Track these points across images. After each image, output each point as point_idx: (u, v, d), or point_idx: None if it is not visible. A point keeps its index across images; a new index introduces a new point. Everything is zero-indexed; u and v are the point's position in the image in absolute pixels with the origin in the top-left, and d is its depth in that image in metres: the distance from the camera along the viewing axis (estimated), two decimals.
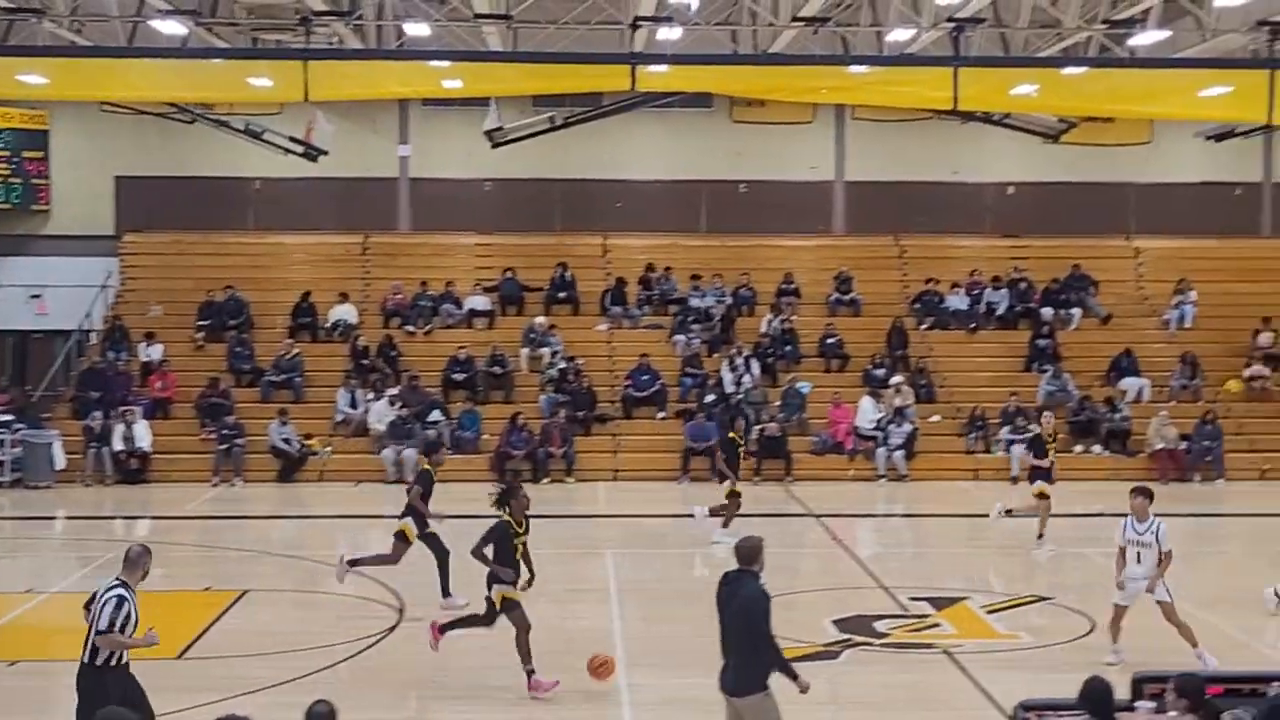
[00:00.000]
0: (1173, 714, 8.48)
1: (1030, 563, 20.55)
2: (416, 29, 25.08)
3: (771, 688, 9.84)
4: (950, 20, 23.05)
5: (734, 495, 20.97)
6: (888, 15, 24.28)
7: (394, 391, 28.64)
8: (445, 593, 16.60)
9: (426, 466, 17.24)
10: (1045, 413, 22.07)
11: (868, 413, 28.34)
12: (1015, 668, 14.20)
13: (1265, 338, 30.59)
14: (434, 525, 16.77)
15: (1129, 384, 29.54)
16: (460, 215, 33.73)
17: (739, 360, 29.51)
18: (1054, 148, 32.04)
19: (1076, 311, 31.65)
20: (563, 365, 29.66)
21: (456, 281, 32.06)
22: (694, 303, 31.48)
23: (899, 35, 24.84)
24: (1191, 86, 24.04)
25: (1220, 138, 32.18)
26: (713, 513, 21.13)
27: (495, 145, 31.08)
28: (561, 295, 32.00)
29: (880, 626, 15.87)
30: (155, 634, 10.21)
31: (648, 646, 15.28)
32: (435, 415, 28.29)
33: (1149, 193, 34.44)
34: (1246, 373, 30.03)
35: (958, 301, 31.94)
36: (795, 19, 23.61)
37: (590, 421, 28.81)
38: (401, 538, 16.69)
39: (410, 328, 31.08)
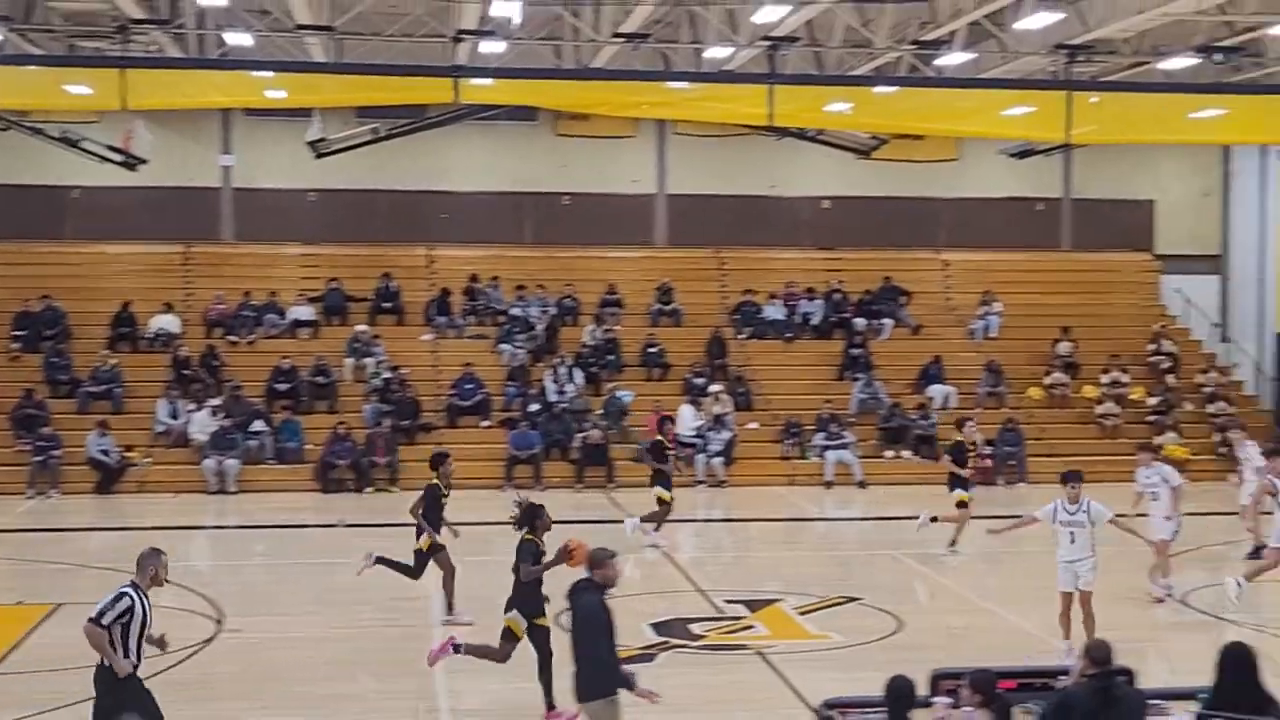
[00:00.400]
0: (967, 709, 8.69)
1: (842, 564, 20.91)
2: (238, 38, 24.68)
3: (620, 695, 10.04)
4: (766, 39, 23.40)
5: (664, 501, 21.09)
6: (706, 33, 24.56)
7: (216, 402, 28.11)
8: (450, 608, 16.26)
9: (435, 481, 16.47)
10: (968, 423, 22.25)
11: (688, 420, 28.57)
12: (824, 667, 14.43)
13: (1064, 346, 31.52)
14: (446, 539, 16.27)
15: (936, 391, 30.22)
16: (284, 225, 33.24)
17: (562, 370, 29.56)
18: (866, 164, 32.63)
19: (888, 322, 32.29)
20: (387, 375, 29.40)
21: (280, 291, 31.58)
22: (518, 313, 31.44)
23: (717, 53, 25.14)
24: (995, 106, 24.74)
25: (1022, 155, 33.09)
26: (644, 520, 21.16)
27: (319, 156, 30.73)
28: (386, 305, 31.72)
29: (696, 629, 16.01)
30: (129, 664, 9.84)
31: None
32: (258, 425, 27.84)
33: (957, 208, 35.26)
34: (1047, 380, 30.90)
35: (775, 312, 32.37)
36: (616, 35, 23.76)
37: (414, 430, 28.59)
38: (429, 550, 16.15)
39: (233, 338, 30.53)
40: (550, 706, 12.33)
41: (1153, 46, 25.11)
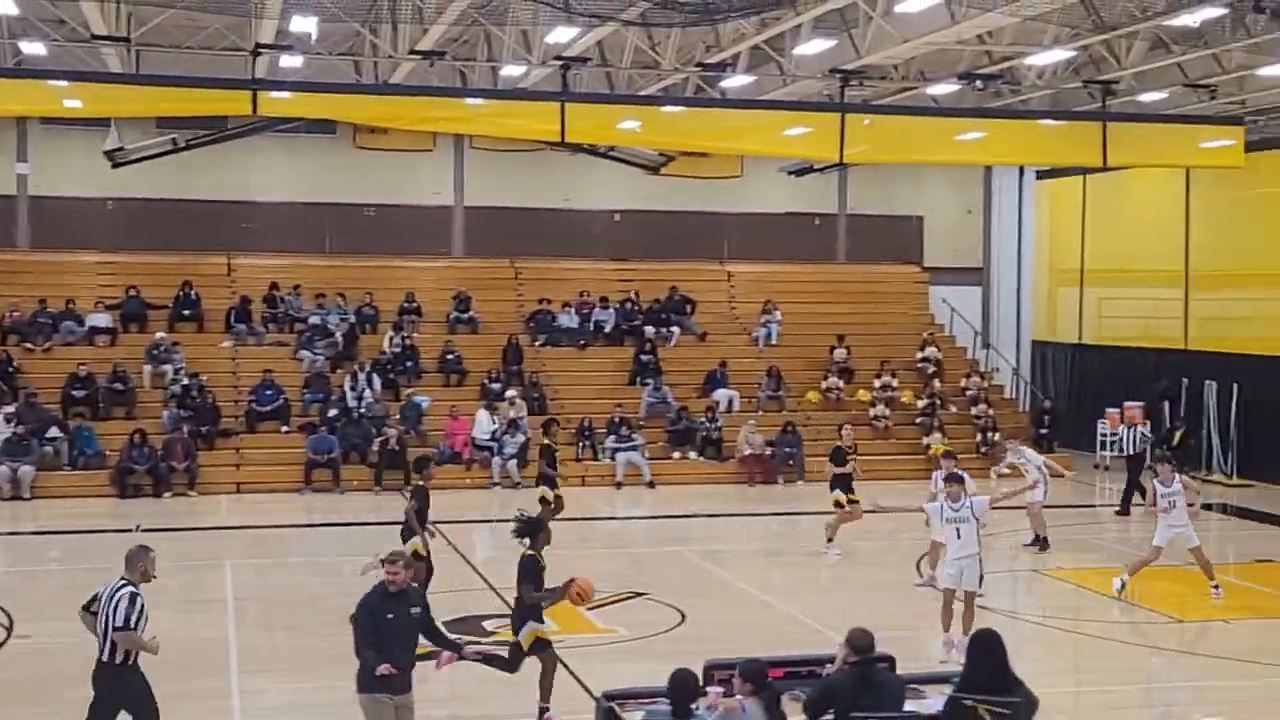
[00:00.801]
0: (738, 697, 8.82)
1: (632, 561, 21.04)
2: (33, 47, 23.83)
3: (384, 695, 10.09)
4: (559, 59, 23.42)
5: (545, 501, 20.78)
6: (502, 52, 24.47)
7: (10, 409, 27.06)
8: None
9: (421, 483, 16.49)
10: (844, 427, 22.48)
11: (484, 424, 28.46)
12: (610, 659, 14.51)
13: (840, 353, 32.21)
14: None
15: (721, 395, 30.62)
16: (82, 233, 32.16)
17: (360, 376, 29.18)
18: (656, 179, 32.95)
19: (676, 330, 32.60)
20: (186, 381, 28.67)
21: (78, 299, 30.57)
22: (318, 321, 30.95)
23: (512, 71, 25.07)
24: (775, 126, 25.12)
25: (801, 173, 33.72)
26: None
27: (115, 165, 29.81)
28: (186, 313, 30.93)
29: (489, 625, 15.95)
30: (158, 641, 10.15)
31: (265, 654, 14.94)
32: (53, 432, 26.90)
33: (740, 222, 35.75)
34: (824, 384, 31.54)
35: (569, 320, 32.45)
36: (413, 52, 23.54)
37: (213, 436, 27.93)
38: (415, 557, 15.64)
39: (29, 345, 29.45)
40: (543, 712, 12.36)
41: (920, 73, 25.79)
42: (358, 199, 33.64)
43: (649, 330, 32.25)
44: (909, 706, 9.18)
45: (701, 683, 9.02)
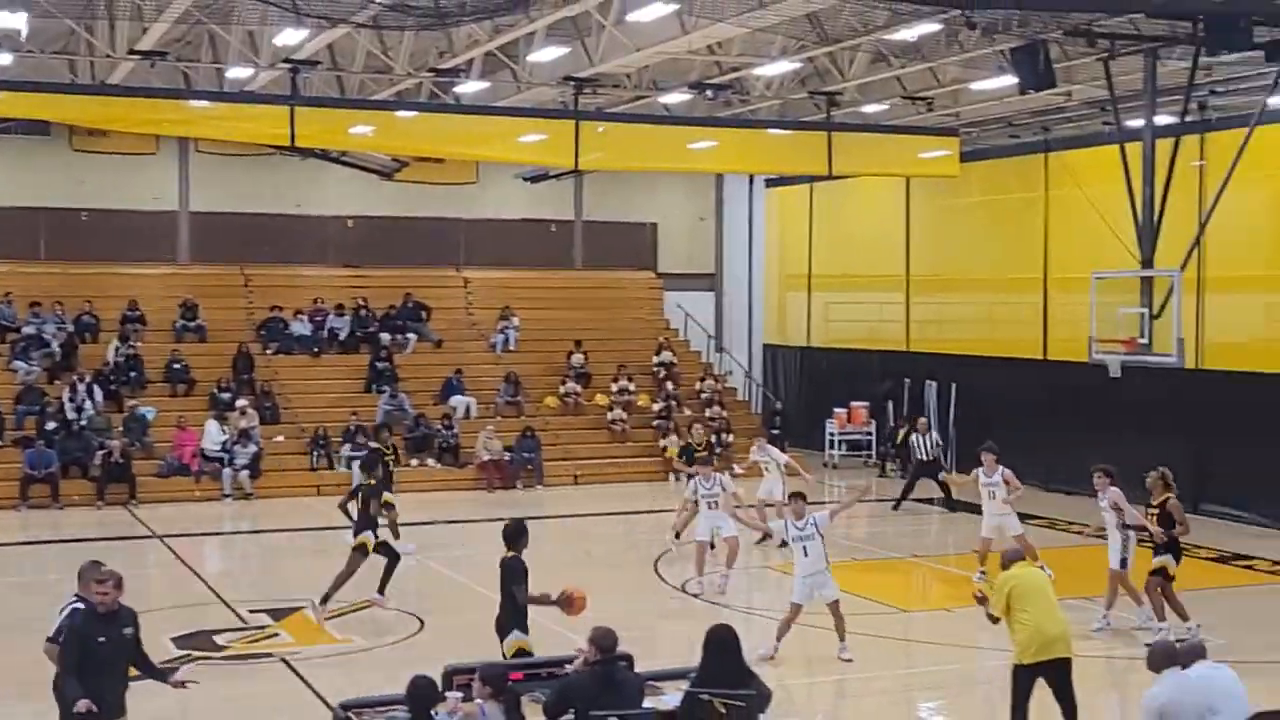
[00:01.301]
0: (478, 701, 8.82)
1: (367, 569, 20.73)
2: None
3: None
4: (288, 61, 22.99)
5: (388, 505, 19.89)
6: (227, 53, 23.87)
7: None
8: (381, 590, 16.76)
9: (371, 481, 17.30)
10: (696, 425, 22.23)
11: (213, 435, 27.69)
12: (348, 669, 14.31)
13: (577, 358, 32.44)
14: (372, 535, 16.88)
15: (458, 401, 30.49)
16: None
17: (80, 387, 28.05)
18: (390, 185, 32.63)
19: (412, 336, 32.32)
20: None
21: None
22: (32, 330, 29.61)
23: (239, 73, 24.49)
24: (510, 133, 25.19)
25: (536, 180, 33.85)
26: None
27: None
28: None
29: (221, 640, 15.56)
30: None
31: None
32: None
33: (476, 228, 35.67)
34: (562, 389, 31.72)
35: (302, 327, 31.84)
36: (132, 51, 22.75)
37: None
38: (361, 551, 16.65)
39: None
40: None
41: (652, 82, 26.20)
42: (75, 204, 32.30)
43: (384, 337, 31.89)
44: (648, 703, 9.32)
45: (441, 688, 8.99)
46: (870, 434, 32.19)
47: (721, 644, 8.99)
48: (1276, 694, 10.20)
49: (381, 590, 16.89)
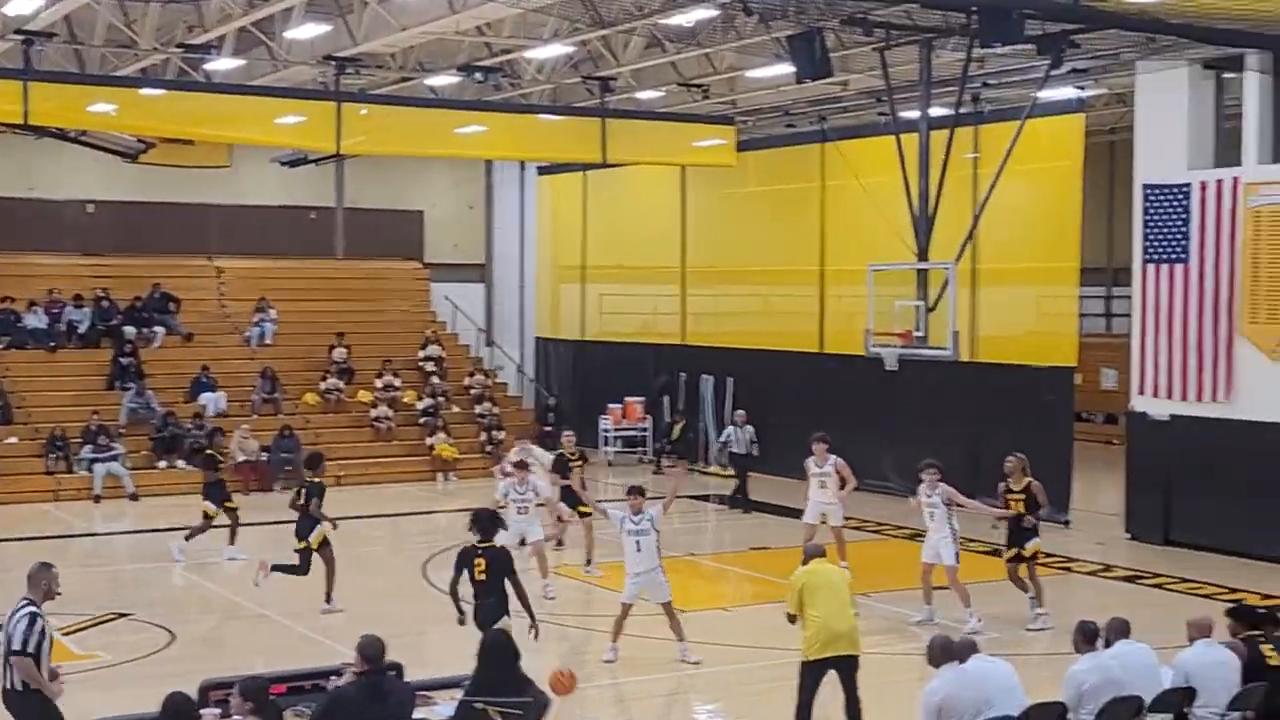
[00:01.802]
0: (237, 717, 8.60)
1: (112, 580, 20.13)
2: None
3: None
4: (20, 33, 22.06)
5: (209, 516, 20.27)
6: None
7: None
8: (328, 599, 17.35)
9: (317, 479, 17.91)
10: (566, 431, 21.56)
11: None
12: (92, 687, 13.79)
13: (339, 353, 31.94)
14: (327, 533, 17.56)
15: (209, 399, 29.71)
16: None
17: None
18: (135, 167, 31.66)
19: (160, 330, 31.39)
20: None
21: None
22: None
23: None
24: (267, 114, 24.68)
25: (295, 164, 33.25)
26: (187, 537, 20.32)
27: None
28: None
29: None
30: (61, 685, 9.89)
31: None
32: None
33: (230, 214, 34.89)
34: (323, 386, 31.20)
35: (36, 320, 30.61)
36: None
37: None
38: (323, 544, 17.38)
39: None
40: None
41: (419, 63, 25.93)
42: None
43: (129, 330, 30.88)
44: (419, 714, 9.24)
45: (198, 705, 8.75)
46: (646, 430, 32.48)
47: (497, 650, 8.96)
48: (1055, 685, 10.63)
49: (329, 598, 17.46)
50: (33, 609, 9.74)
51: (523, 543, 18.52)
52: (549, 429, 31.00)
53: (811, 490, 19.41)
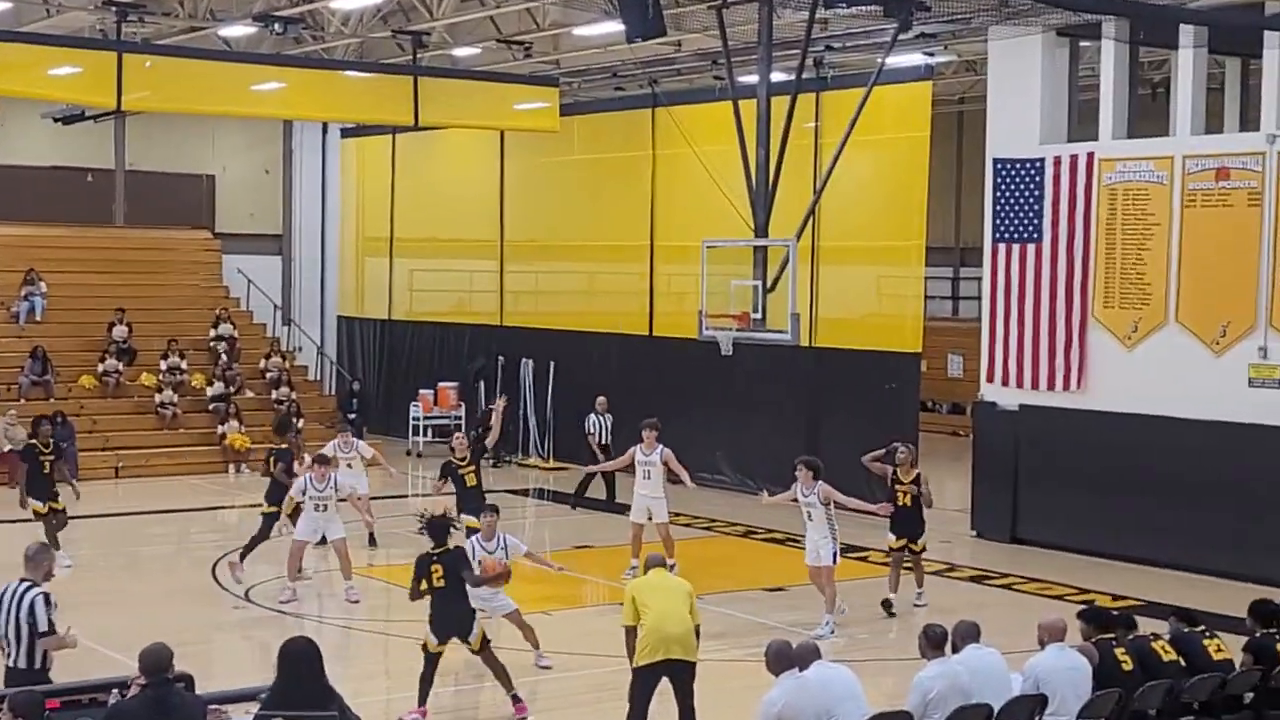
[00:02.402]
0: None
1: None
2: None
3: None
4: None
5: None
6: None
7: None
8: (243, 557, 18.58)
9: (285, 445, 19.80)
10: (458, 435, 21.44)
11: None
12: None
13: (120, 331, 31.21)
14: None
15: None
16: None
17: None
18: None
19: None
20: None
21: None
22: None
23: None
24: (38, 64, 24.06)
25: (69, 120, 32.43)
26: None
27: None
28: None
29: None
30: (75, 634, 10.75)
31: None
32: None
33: None
34: (100, 368, 30.47)
35: None
36: None
37: None
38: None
39: None
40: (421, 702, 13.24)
41: (210, 11, 25.45)
42: None
43: None
44: None
45: None
46: (460, 418, 32.30)
47: (298, 659, 8.79)
48: (901, 692, 10.80)
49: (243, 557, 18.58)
50: (41, 590, 10.65)
51: (323, 540, 18.31)
52: (353, 416, 30.68)
53: (636, 482, 19.48)
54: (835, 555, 16.85)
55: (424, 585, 13.24)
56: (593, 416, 25.40)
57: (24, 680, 10.26)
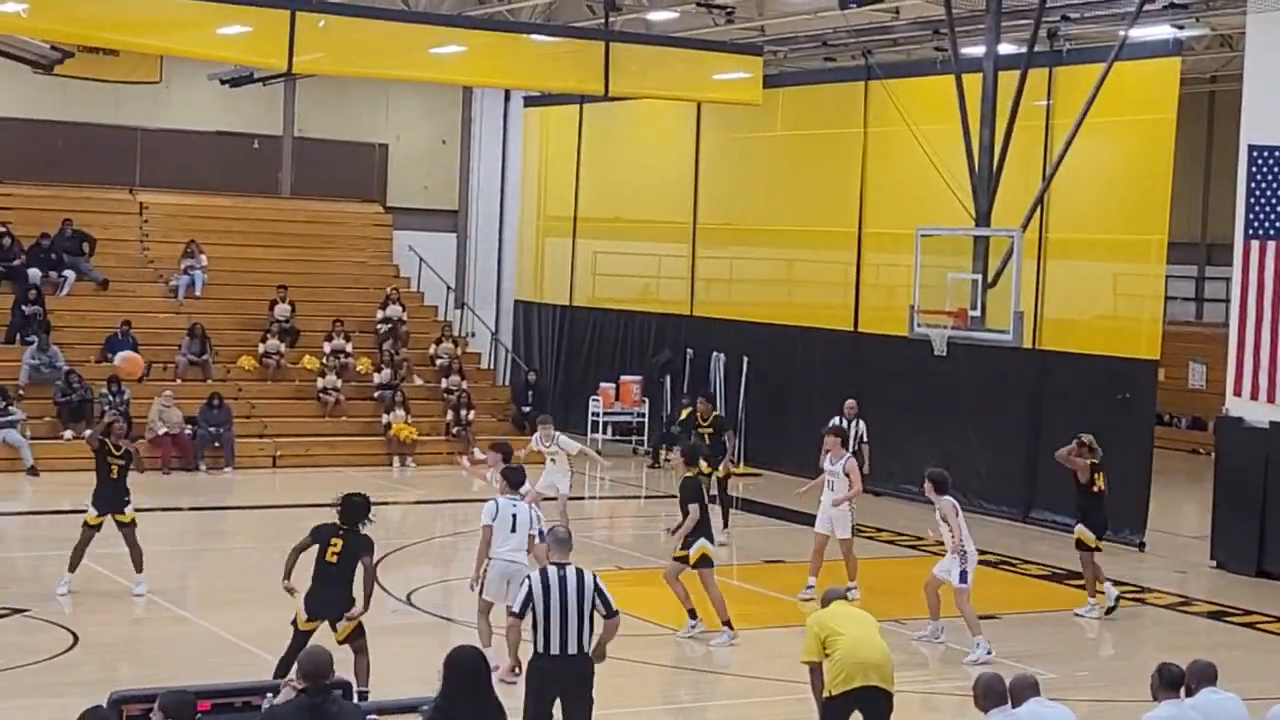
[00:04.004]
0: None
1: (6, 570, 20.13)
2: None
3: None
4: None
5: None
6: None
7: None
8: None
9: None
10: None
11: None
12: None
13: (282, 309, 31.86)
14: None
15: (125, 358, 29.60)
16: None
17: None
18: (49, 80, 31.51)
19: (70, 274, 31.34)
20: None
21: None
22: None
23: None
24: (206, 21, 24.50)
25: (237, 83, 33.12)
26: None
27: None
28: None
29: None
30: None
31: None
32: None
33: (157, 140, 34.79)
34: (261, 348, 31.13)
35: None
36: None
37: None
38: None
39: None
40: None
41: None
42: None
43: (33, 274, 30.83)
44: None
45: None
46: (643, 415, 32.46)
47: (467, 670, 8.92)
48: None
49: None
50: None
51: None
52: (527, 409, 30.99)
53: (824, 493, 19.40)
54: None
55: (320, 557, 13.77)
56: (837, 420, 24.40)
57: None
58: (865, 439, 23.14)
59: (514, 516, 15.00)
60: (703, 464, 18.19)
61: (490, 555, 14.99)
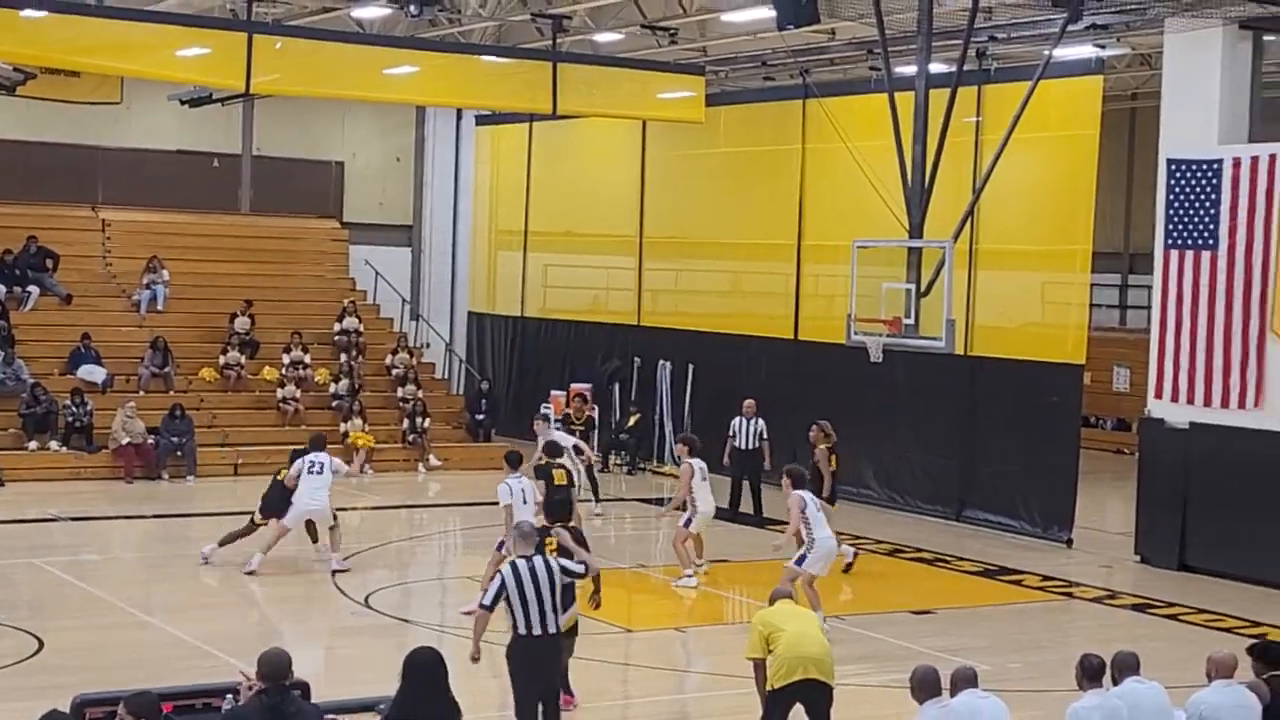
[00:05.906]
0: None
1: None
2: None
3: None
4: None
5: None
6: None
7: None
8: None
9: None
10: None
11: None
12: None
13: (243, 322, 31.72)
14: None
15: (88, 371, 29.46)
16: None
17: None
18: (12, 100, 31.33)
19: (34, 289, 31.11)
20: None
21: None
22: None
23: None
24: (166, 44, 24.46)
25: (197, 103, 32.97)
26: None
27: None
28: None
29: None
30: None
31: None
32: None
33: (119, 159, 34.62)
34: (222, 360, 30.99)
35: None
36: None
37: None
38: None
39: None
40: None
41: None
42: None
43: None
44: None
45: None
46: (593, 422, 32.44)
47: (424, 671, 8.91)
48: None
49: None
50: None
51: None
52: (480, 417, 30.94)
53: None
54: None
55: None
56: (738, 419, 24.70)
57: None
58: (765, 436, 24.06)
59: (523, 491, 17.54)
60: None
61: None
